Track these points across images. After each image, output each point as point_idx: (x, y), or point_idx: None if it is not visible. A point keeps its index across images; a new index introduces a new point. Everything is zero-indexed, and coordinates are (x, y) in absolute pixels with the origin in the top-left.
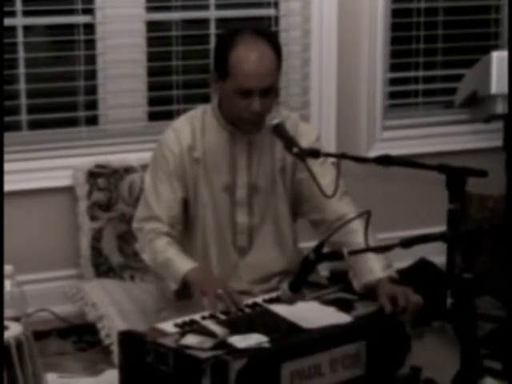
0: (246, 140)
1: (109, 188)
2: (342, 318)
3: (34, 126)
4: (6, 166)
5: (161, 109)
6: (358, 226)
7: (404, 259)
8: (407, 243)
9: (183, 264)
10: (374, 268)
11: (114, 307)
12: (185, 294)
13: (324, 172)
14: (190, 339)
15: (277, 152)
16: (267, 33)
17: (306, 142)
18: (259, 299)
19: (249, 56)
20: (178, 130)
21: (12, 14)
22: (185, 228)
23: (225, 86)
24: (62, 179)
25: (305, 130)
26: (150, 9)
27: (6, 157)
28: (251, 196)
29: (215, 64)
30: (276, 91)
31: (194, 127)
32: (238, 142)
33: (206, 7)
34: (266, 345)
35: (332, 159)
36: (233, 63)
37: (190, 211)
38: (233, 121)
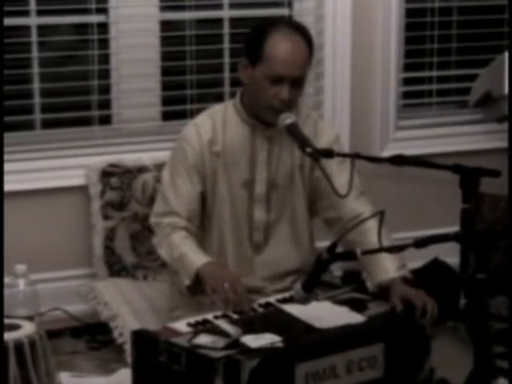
0: (267, 135)
1: (122, 187)
2: (355, 317)
3: (47, 125)
4: (20, 165)
5: (174, 108)
6: (372, 225)
7: (417, 259)
8: (420, 243)
9: (197, 259)
10: (388, 268)
11: (127, 306)
12: (198, 289)
13: (341, 171)
14: (203, 339)
15: (296, 149)
16: (303, 28)
17: (324, 141)
18: (272, 299)
19: (285, 43)
20: (199, 124)
21: (26, 13)
22: (201, 222)
23: (255, 72)
24: (75, 178)
25: (324, 129)
26: (163, 8)
27: (20, 156)
28: (269, 192)
29: (247, 50)
30: (303, 87)
31: (214, 122)
32: (258, 137)
33: (219, 7)
34: (279, 344)
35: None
36: (268, 48)
37: (207, 205)
38: (256, 111)
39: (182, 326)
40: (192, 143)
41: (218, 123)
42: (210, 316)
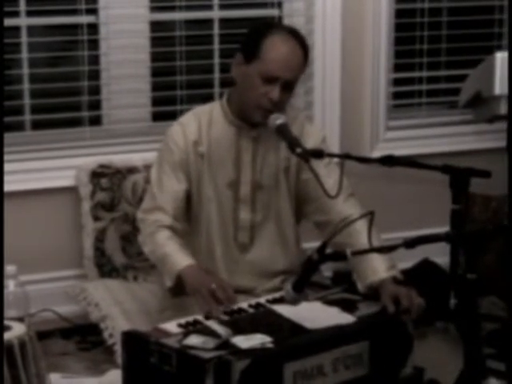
0: (252, 136)
1: (112, 188)
2: (346, 318)
3: (37, 126)
4: (10, 166)
5: (164, 109)
6: (361, 226)
7: (407, 259)
8: (410, 243)
9: (179, 260)
10: (378, 268)
11: (118, 307)
12: (179, 291)
13: (329, 173)
14: (194, 339)
15: (282, 151)
16: (301, 36)
17: (311, 143)
18: (262, 299)
19: (283, 45)
20: (185, 124)
21: (15, 14)
22: (189, 223)
23: (248, 69)
24: (65, 179)
25: (311, 131)
26: (153, 9)
27: (10, 157)
28: (254, 193)
29: (244, 46)
30: (293, 91)
31: (200, 122)
32: (243, 138)
33: (209, 7)
34: (270, 345)
35: (336, 160)
36: (265, 47)
37: (193, 206)
38: (243, 110)
39: (172, 326)
40: (178, 142)
41: (203, 124)
42: (200, 317)
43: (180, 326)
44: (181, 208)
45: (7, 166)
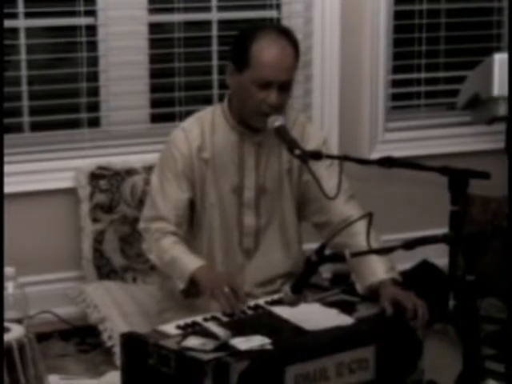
0: (255, 141)
1: (111, 190)
2: (344, 319)
3: (36, 127)
4: (8, 168)
5: (163, 111)
6: (361, 228)
7: (406, 261)
8: (409, 245)
9: (190, 262)
10: (377, 270)
11: (116, 309)
12: (192, 292)
13: (330, 175)
14: (192, 341)
15: (284, 154)
16: (287, 31)
17: (313, 144)
18: (261, 301)
19: (270, 48)
20: (188, 130)
21: (14, 15)
22: (190, 229)
23: (242, 79)
24: (63, 181)
25: (312, 132)
26: (152, 11)
27: (8, 158)
28: (259, 198)
29: (233, 56)
30: (291, 90)
31: (203, 128)
32: (246, 143)
33: (208, 9)
34: (269, 347)
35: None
36: (254, 53)
37: (196, 212)
38: (244, 118)
39: (171, 328)
40: (181, 149)
41: (206, 129)
42: (199, 318)
43: (179, 327)
44: (183, 216)
45: (6, 168)
